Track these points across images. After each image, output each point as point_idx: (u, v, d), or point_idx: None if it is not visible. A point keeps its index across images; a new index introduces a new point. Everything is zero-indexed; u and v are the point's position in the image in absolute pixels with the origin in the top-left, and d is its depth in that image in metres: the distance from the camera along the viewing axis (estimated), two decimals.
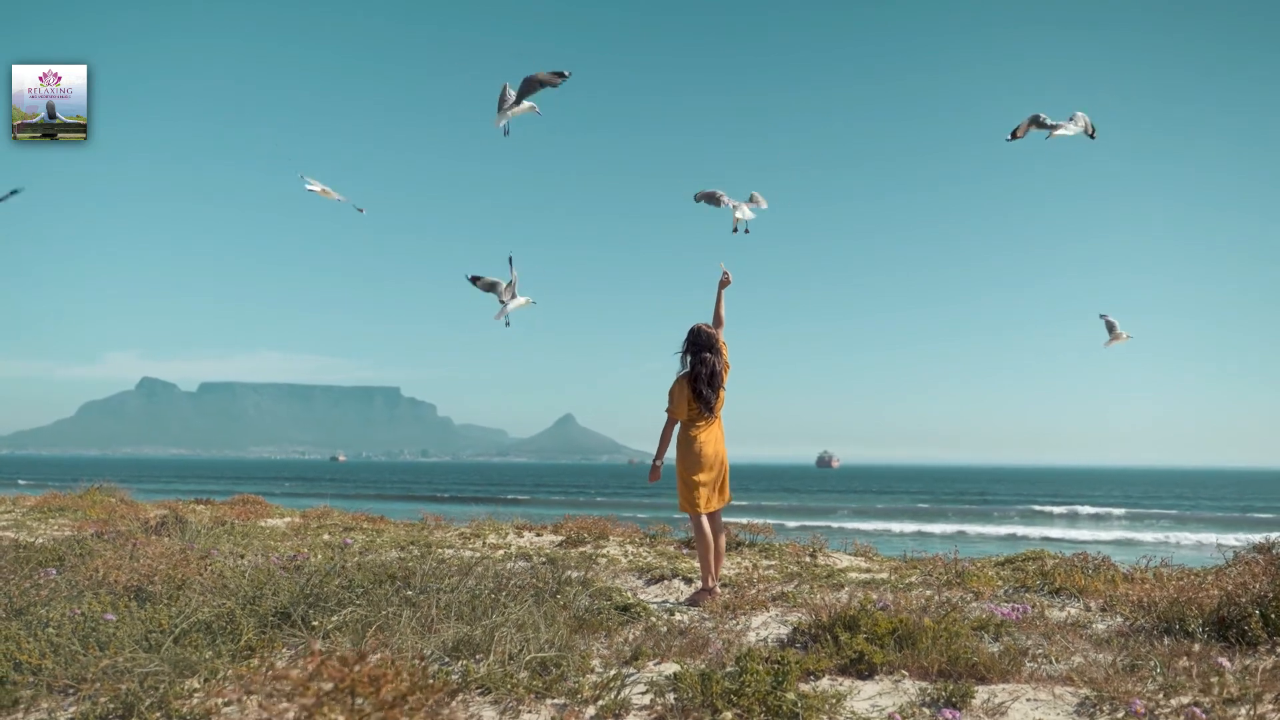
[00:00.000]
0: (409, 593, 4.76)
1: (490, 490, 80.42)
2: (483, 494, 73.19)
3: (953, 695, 3.51)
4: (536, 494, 76.34)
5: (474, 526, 10.68)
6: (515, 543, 9.56)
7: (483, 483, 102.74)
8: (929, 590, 6.02)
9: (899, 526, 44.43)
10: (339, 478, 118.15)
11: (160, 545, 6.60)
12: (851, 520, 46.04)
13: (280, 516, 12.34)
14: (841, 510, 56.02)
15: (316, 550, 7.91)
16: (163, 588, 4.99)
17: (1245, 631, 4.34)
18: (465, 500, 61.25)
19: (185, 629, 3.93)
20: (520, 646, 3.79)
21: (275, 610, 4.32)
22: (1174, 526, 45.56)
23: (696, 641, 4.44)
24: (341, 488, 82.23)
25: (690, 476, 6.17)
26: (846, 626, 4.32)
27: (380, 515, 11.81)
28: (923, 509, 59.55)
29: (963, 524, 47.57)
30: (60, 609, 4.44)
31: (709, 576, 6.18)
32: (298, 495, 53.76)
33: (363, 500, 55.50)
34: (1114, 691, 3.44)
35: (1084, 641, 4.50)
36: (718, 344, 6.23)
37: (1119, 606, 5.14)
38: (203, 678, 3.42)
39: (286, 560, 5.77)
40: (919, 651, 4.05)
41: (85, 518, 11.52)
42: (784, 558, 8.45)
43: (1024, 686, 3.68)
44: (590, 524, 10.05)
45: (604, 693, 3.48)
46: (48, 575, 5.47)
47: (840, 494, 77.31)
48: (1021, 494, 79.41)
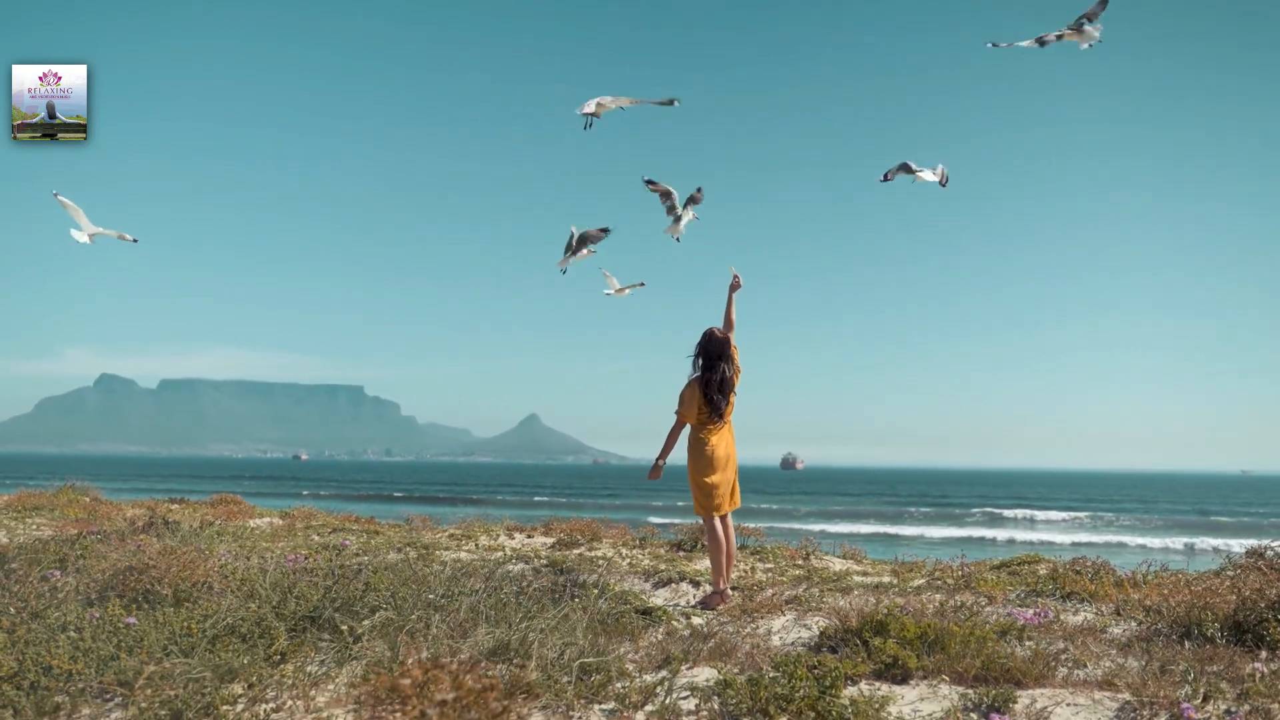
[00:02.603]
0: (431, 596, 4.73)
1: (458, 490, 79.97)
2: (450, 494, 72.81)
3: (996, 700, 3.54)
4: (503, 494, 76.03)
5: (464, 528, 10.61)
6: (508, 544, 9.51)
7: (449, 482, 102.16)
8: (938, 594, 6.06)
9: (866, 528, 44.77)
10: (303, 476, 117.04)
11: (160, 547, 6.51)
12: (818, 522, 46.22)
13: (260, 517, 12.20)
14: (808, 512, 56.27)
15: (313, 552, 7.84)
16: (172, 591, 4.93)
17: (1263, 636, 4.42)
18: (433, 501, 60.96)
19: (217, 633, 3.87)
20: (559, 651, 3.77)
21: (302, 614, 4.27)
22: (1135, 530, 46.25)
23: (724, 646, 4.44)
24: (307, 486, 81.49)
25: (703, 479, 6.19)
26: (875, 631, 4.35)
27: (370, 517, 11.69)
28: (887, 511, 60.01)
29: (926, 526, 48.03)
30: (76, 612, 4.37)
31: (720, 579, 6.19)
32: (264, 495, 53.13)
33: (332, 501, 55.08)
34: (1153, 696, 3.49)
35: (1104, 646, 4.56)
36: (730, 350, 6.26)
37: (1132, 611, 5.20)
38: (247, 683, 3.37)
39: (301, 563, 5.71)
40: (951, 656, 4.08)
41: (64, 517, 11.32)
42: (779, 560, 8.47)
43: (1061, 691, 3.72)
44: (583, 526, 10.01)
45: (651, 698, 3.48)
46: (52, 577, 5.38)
47: (806, 496, 77.64)
48: (982, 496, 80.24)
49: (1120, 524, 51.31)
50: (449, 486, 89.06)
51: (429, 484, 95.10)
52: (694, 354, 6.27)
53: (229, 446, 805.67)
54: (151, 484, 72.22)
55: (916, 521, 51.99)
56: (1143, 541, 38.54)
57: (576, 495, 74.72)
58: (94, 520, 10.74)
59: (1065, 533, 44.47)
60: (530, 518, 11.80)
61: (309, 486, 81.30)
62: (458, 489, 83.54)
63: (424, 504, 53.92)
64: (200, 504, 13.81)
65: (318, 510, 12.69)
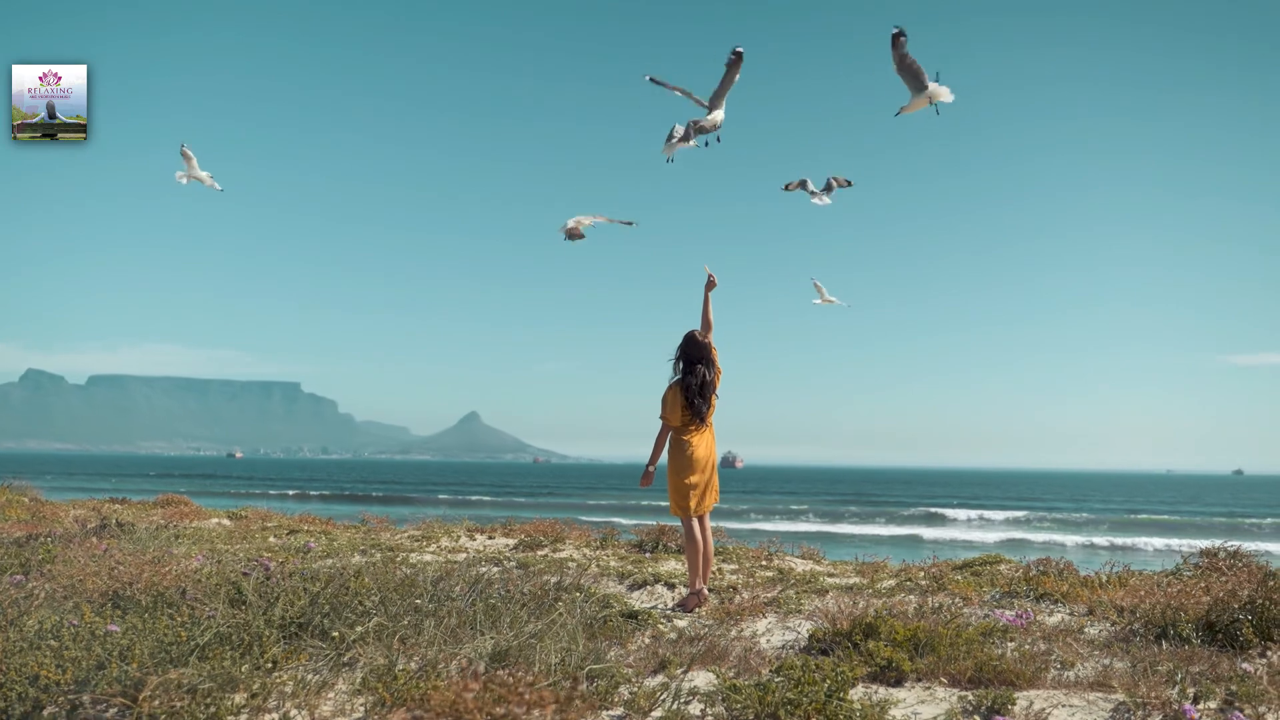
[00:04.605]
0: (418, 601, 4.68)
1: (398, 489, 79.08)
2: (387, 493, 71.97)
3: (995, 702, 3.61)
4: (442, 492, 75.35)
5: (424, 529, 10.50)
6: (470, 546, 9.43)
7: (390, 480, 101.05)
8: (912, 595, 6.15)
9: (805, 526, 45.17)
10: (238, 475, 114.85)
11: (131, 550, 6.35)
12: (758, 521, 46.52)
13: (209, 518, 11.94)
14: (747, 510, 56.58)
15: (277, 554, 7.70)
16: (146, 596, 4.81)
17: (1236, 635, 4.56)
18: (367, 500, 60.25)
19: (206, 641, 3.79)
20: (560, 656, 3.75)
21: (290, 620, 4.19)
22: (1065, 528, 47.32)
23: (715, 649, 4.46)
24: (243, 485, 79.96)
25: (682, 480, 6.22)
26: (865, 633, 4.40)
27: (329, 518, 11.51)
28: (825, 510, 60.65)
29: (866, 525, 48.64)
30: (49, 618, 4.24)
31: (697, 580, 6.21)
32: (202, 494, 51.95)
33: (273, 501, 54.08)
34: (1145, 697, 3.58)
35: (1085, 646, 4.66)
36: (710, 354, 6.29)
37: (1105, 611, 5.32)
38: (249, 692, 3.30)
39: (277, 567, 5.60)
40: (943, 658, 4.14)
41: (5, 519, 10.98)
42: (743, 561, 8.51)
43: (1055, 693, 3.80)
44: (546, 527, 9.97)
45: (657, 703, 3.48)
46: (15, 581, 5.21)
47: (746, 494, 78.08)
48: (920, 495, 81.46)
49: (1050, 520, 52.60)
50: (388, 485, 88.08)
51: (368, 482, 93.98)
52: (674, 357, 6.30)
53: (161, 444, 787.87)
54: (81, 483, 70.38)
55: (854, 520, 52.63)
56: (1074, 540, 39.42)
57: (516, 494, 74.40)
58: (38, 522, 10.43)
59: (1002, 531, 45.34)
60: (473, 516, 11.69)
61: (244, 485, 79.77)
62: (396, 487, 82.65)
63: (362, 503, 53.31)
64: (145, 504, 13.49)
65: (271, 511, 12.47)
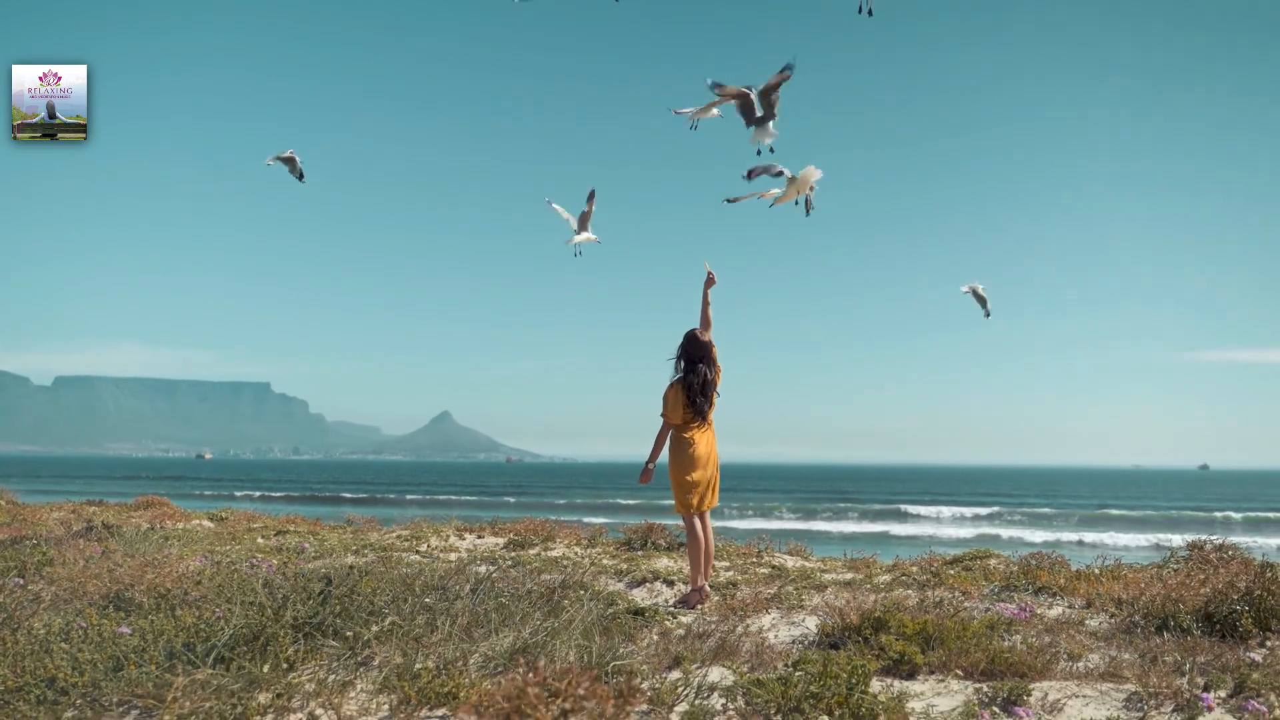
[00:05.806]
0: (427, 600, 4.68)
1: (371, 489, 78.61)
2: (358, 493, 71.49)
3: (1012, 693, 3.66)
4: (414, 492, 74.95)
5: (413, 528, 10.48)
6: (460, 545, 9.43)
7: (363, 480, 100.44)
8: (910, 590, 6.22)
9: (782, 525, 45.36)
10: (207, 476, 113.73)
11: (122, 552, 6.30)
12: (733, 520, 46.66)
13: (191, 519, 11.84)
14: (722, 509, 56.75)
15: (270, 555, 7.66)
16: (149, 598, 4.78)
17: (1235, 626, 4.65)
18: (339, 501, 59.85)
19: (221, 642, 3.77)
20: (579, 653, 3.77)
21: (302, 620, 4.17)
22: (1036, 523, 47.82)
23: (727, 645, 4.49)
24: (212, 487, 79.24)
25: (684, 477, 6.27)
26: (875, 627, 4.45)
27: (316, 519, 11.45)
28: (799, 507, 60.93)
29: (839, 523, 48.93)
30: (59, 621, 4.21)
31: (699, 576, 6.26)
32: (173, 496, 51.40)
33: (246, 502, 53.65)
34: (1157, 687, 3.65)
35: (1088, 638, 4.74)
36: (710, 353, 6.33)
37: (1104, 604, 5.40)
38: (274, 693, 3.29)
39: (280, 568, 5.58)
40: (953, 651, 4.20)
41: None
42: (735, 558, 8.57)
43: (1068, 684, 3.86)
44: (536, 526, 9.98)
45: (680, 698, 3.50)
46: (15, 584, 5.16)
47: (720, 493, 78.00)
48: (889, 492, 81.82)
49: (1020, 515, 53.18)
50: (361, 485, 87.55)
51: (340, 483, 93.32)
52: (675, 356, 6.35)
53: (129, 446, 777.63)
54: (48, 485, 69.32)
55: (828, 517, 52.92)
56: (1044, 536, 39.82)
57: (488, 494, 74.16)
58: (19, 525, 10.30)
59: (973, 526, 45.73)
60: (455, 516, 11.65)
61: (214, 487, 79.04)
62: (369, 487, 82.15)
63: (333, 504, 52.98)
64: (125, 506, 13.34)
65: (255, 512, 12.38)
